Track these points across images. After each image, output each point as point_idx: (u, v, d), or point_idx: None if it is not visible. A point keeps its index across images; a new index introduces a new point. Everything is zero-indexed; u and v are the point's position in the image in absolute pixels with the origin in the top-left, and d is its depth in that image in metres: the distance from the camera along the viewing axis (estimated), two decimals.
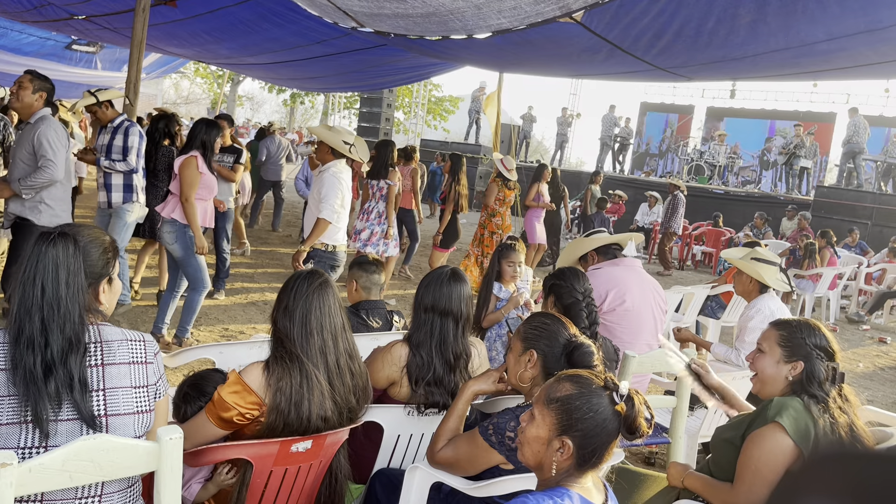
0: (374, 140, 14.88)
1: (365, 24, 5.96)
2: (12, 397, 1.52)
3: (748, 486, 1.95)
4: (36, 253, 1.58)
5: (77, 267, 1.61)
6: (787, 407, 1.96)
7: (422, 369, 2.33)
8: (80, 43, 11.08)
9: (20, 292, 1.56)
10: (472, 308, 2.47)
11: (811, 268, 8.16)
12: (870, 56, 5.14)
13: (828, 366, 2.03)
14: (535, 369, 2.03)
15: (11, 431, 1.52)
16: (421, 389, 2.32)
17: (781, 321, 2.15)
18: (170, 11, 6.90)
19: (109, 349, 1.64)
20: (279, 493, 1.98)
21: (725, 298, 5.91)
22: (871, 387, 5.93)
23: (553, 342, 2.02)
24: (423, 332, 2.37)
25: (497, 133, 9.84)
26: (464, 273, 2.51)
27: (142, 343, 1.71)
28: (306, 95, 29.72)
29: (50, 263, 1.57)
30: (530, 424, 1.53)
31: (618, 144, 18.71)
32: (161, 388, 1.73)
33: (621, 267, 3.58)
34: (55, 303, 1.56)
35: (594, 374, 1.54)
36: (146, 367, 1.69)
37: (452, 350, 2.36)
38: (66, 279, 1.58)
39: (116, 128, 4.93)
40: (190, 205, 4.30)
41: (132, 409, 1.65)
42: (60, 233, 1.62)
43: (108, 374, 1.62)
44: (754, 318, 3.66)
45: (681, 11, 4.52)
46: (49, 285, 1.56)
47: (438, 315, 2.38)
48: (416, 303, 2.44)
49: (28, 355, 1.52)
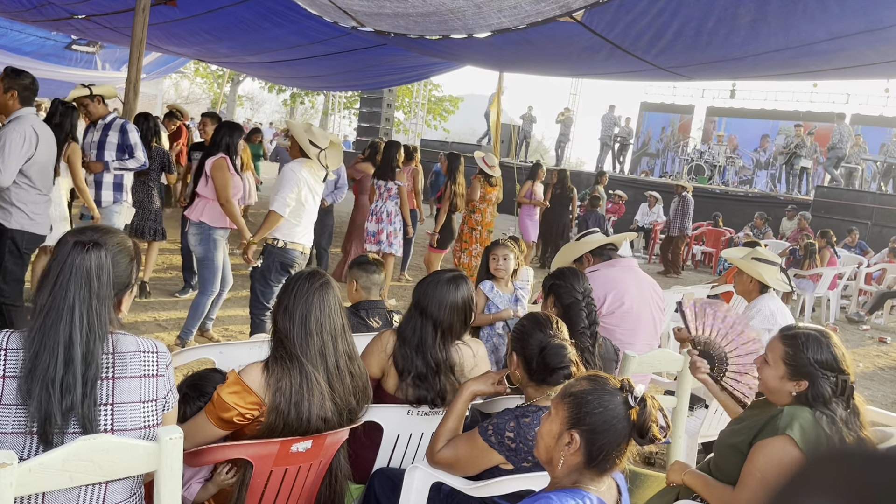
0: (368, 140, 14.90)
1: (365, 23, 5.96)
2: (19, 407, 1.49)
3: (751, 492, 1.93)
4: (69, 264, 1.55)
5: (108, 281, 1.59)
6: (798, 418, 1.92)
7: (406, 362, 2.35)
8: (80, 43, 11.08)
9: (48, 303, 1.53)
10: (459, 317, 2.41)
11: (811, 268, 8.16)
12: (870, 56, 5.14)
13: (837, 380, 1.96)
14: (520, 370, 2.09)
15: (15, 441, 1.49)
16: (407, 381, 2.34)
17: (790, 334, 2.05)
18: (170, 11, 6.90)
19: (122, 361, 1.61)
20: (279, 493, 1.98)
21: (726, 298, 5.90)
22: (871, 387, 5.93)
23: (527, 344, 2.07)
24: (409, 327, 2.40)
25: (497, 133, 9.86)
26: (464, 279, 2.47)
27: (154, 355, 1.68)
28: (306, 95, 29.71)
29: (83, 278, 1.55)
30: (545, 419, 1.56)
31: (618, 144, 18.70)
32: (170, 401, 1.72)
33: (618, 268, 3.57)
34: (84, 318, 1.54)
35: (613, 377, 1.54)
36: (157, 381, 1.66)
37: (431, 355, 2.35)
38: (98, 294, 1.56)
39: (109, 125, 4.83)
40: (230, 204, 4.29)
41: (139, 425, 1.62)
42: (94, 243, 1.59)
43: (119, 388, 1.60)
44: (755, 319, 3.66)
45: (681, 11, 4.52)
46: (79, 301, 1.54)
47: (420, 315, 2.39)
48: (413, 296, 2.47)
49: (51, 369, 1.49)
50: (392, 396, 2.39)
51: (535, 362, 2.04)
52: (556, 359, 2.01)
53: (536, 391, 2.06)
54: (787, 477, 0.45)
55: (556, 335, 2.07)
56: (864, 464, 0.43)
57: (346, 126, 28.66)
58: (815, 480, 0.44)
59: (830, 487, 0.42)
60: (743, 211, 13.66)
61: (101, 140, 4.82)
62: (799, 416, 1.94)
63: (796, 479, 0.45)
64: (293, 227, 4.15)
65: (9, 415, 1.49)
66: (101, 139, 4.83)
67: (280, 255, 4.16)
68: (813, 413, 1.95)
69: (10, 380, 1.50)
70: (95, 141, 4.83)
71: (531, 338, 2.07)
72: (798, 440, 1.88)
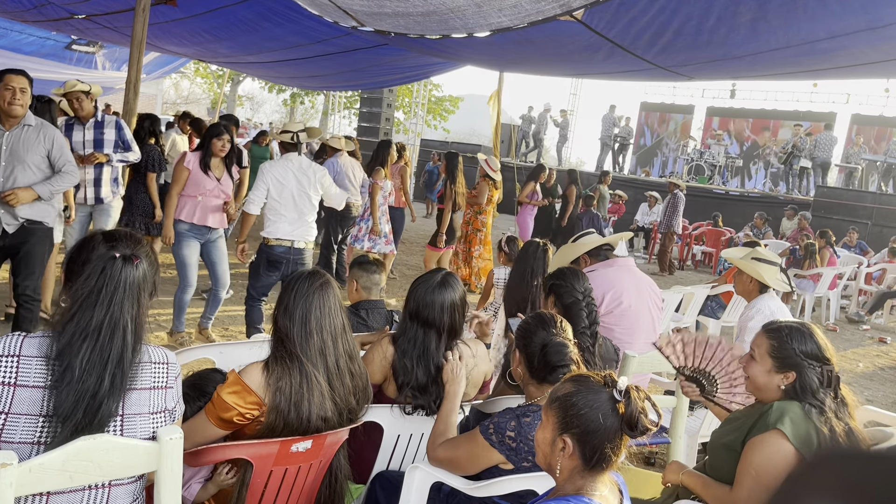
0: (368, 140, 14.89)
1: (365, 23, 5.95)
2: (27, 416, 1.46)
3: (747, 491, 1.93)
4: (123, 280, 1.55)
5: (143, 291, 1.59)
6: (788, 412, 1.94)
7: (405, 374, 2.32)
8: (80, 43, 11.07)
9: (104, 318, 1.52)
10: (458, 315, 2.41)
11: (811, 268, 8.15)
12: (870, 55, 5.14)
13: (822, 371, 1.99)
14: (521, 368, 2.12)
15: (22, 451, 1.47)
16: (406, 393, 2.32)
17: (773, 328, 2.10)
18: (170, 10, 6.89)
19: (133, 373, 1.59)
20: (279, 493, 1.98)
21: (726, 298, 5.90)
22: (871, 387, 5.93)
23: (529, 342, 2.09)
24: (407, 339, 2.36)
25: (497, 133, 9.87)
26: (455, 278, 2.47)
27: (165, 366, 1.68)
28: (306, 95, 29.69)
29: (134, 295, 1.56)
30: (539, 427, 1.57)
31: (618, 144, 18.70)
32: (178, 412, 1.73)
33: (615, 268, 3.58)
34: (134, 334, 1.56)
35: (595, 374, 1.54)
36: (166, 393, 1.67)
37: (434, 360, 2.34)
38: (137, 307, 1.57)
39: (101, 122, 4.86)
40: (170, 197, 4.51)
41: (147, 436, 1.63)
42: (137, 256, 1.59)
43: (129, 399, 1.59)
44: (754, 319, 3.65)
45: (681, 10, 4.52)
46: (131, 318, 1.55)
47: (422, 325, 2.35)
48: (405, 305, 2.43)
49: (88, 378, 1.48)
50: (392, 400, 2.39)
51: (537, 360, 2.05)
52: (556, 356, 2.02)
53: (538, 390, 2.07)
54: (787, 477, 0.45)
55: (558, 334, 2.09)
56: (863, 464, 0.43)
57: (346, 126, 28.66)
58: (814, 480, 0.44)
59: (829, 487, 0.42)
60: (743, 211, 13.66)
61: (98, 138, 4.86)
62: (788, 410, 1.95)
63: (796, 480, 0.45)
64: (273, 223, 4.37)
65: (17, 424, 1.46)
66: (97, 137, 4.86)
67: (266, 250, 4.40)
68: (802, 406, 1.97)
69: (23, 389, 1.47)
70: (91, 139, 4.86)
71: (534, 336, 2.09)
72: (789, 434, 1.90)
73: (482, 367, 2.53)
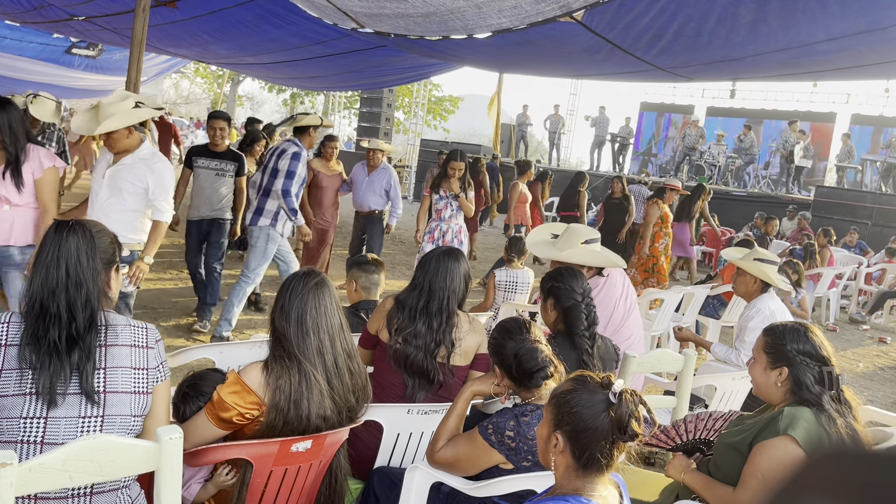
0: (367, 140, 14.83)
1: (365, 24, 5.95)
2: (18, 371, 1.62)
3: (752, 493, 1.92)
4: (56, 240, 1.73)
5: (94, 251, 1.76)
6: (799, 418, 1.93)
7: (401, 321, 2.47)
8: (80, 46, 11.05)
9: (42, 274, 1.70)
10: (462, 285, 2.56)
11: (811, 268, 8.15)
12: (870, 56, 5.14)
13: (821, 371, 1.99)
14: (506, 380, 2.12)
15: (15, 403, 1.61)
16: (397, 339, 2.44)
17: (769, 327, 2.14)
18: (170, 12, 6.90)
19: (114, 332, 1.76)
20: (279, 492, 1.98)
21: (727, 297, 5.90)
22: (871, 387, 5.93)
23: (502, 355, 2.10)
24: (410, 296, 2.52)
25: (497, 133, 9.87)
26: (461, 252, 2.66)
27: (144, 329, 1.82)
28: (306, 95, 29.67)
29: (72, 247, 1.72)
30: (539, 423, 1.59)
31: (618, 144, 18.69)
32: (161, 374, 1.81)
33: (607, 282, 3.58)
34: (79, 282, 1.70)
35: (596, 375, 1.55)
36: (146, 352, 1.79)
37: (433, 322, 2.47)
38: (87, 262, 1.73)
39: None
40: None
41: (130, 389, 1.73)
42: (76, 222, 1.78)
43: (111, 354, 1.73)
44: (754, 318, 3.66)
45: (681, 11, 4.52)
46: (73, 267, 1.71)
47: (426, 291, 2.51)
48: (419, 277, 2.58)
49: (53, 330, 1.65)
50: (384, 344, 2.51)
51: (514, 370, 2.06)
52: (531, 363, 2.03)
53: (528, 394, 2.08)
54: (786, 477, 0.45)
55: (526, 338, 2.07)
56: (865, 464, 0.43)
57: (347, 126, 28.66)
58: (813, 480, 0.44)
59: (829, 487, 0.43)
60: (743, 211, 13.65)
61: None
62: (800, 416, 1.94)
63: (795, 479, 0.45)
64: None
65: (9, 378, 1.62)
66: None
67: None
68: (813, 412, 1.96)
69: (11, 347, 1.65)
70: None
71: (504, 348, 2.09)
72: (801, 440, 1.88)
73: (470, 339, 2.55)
